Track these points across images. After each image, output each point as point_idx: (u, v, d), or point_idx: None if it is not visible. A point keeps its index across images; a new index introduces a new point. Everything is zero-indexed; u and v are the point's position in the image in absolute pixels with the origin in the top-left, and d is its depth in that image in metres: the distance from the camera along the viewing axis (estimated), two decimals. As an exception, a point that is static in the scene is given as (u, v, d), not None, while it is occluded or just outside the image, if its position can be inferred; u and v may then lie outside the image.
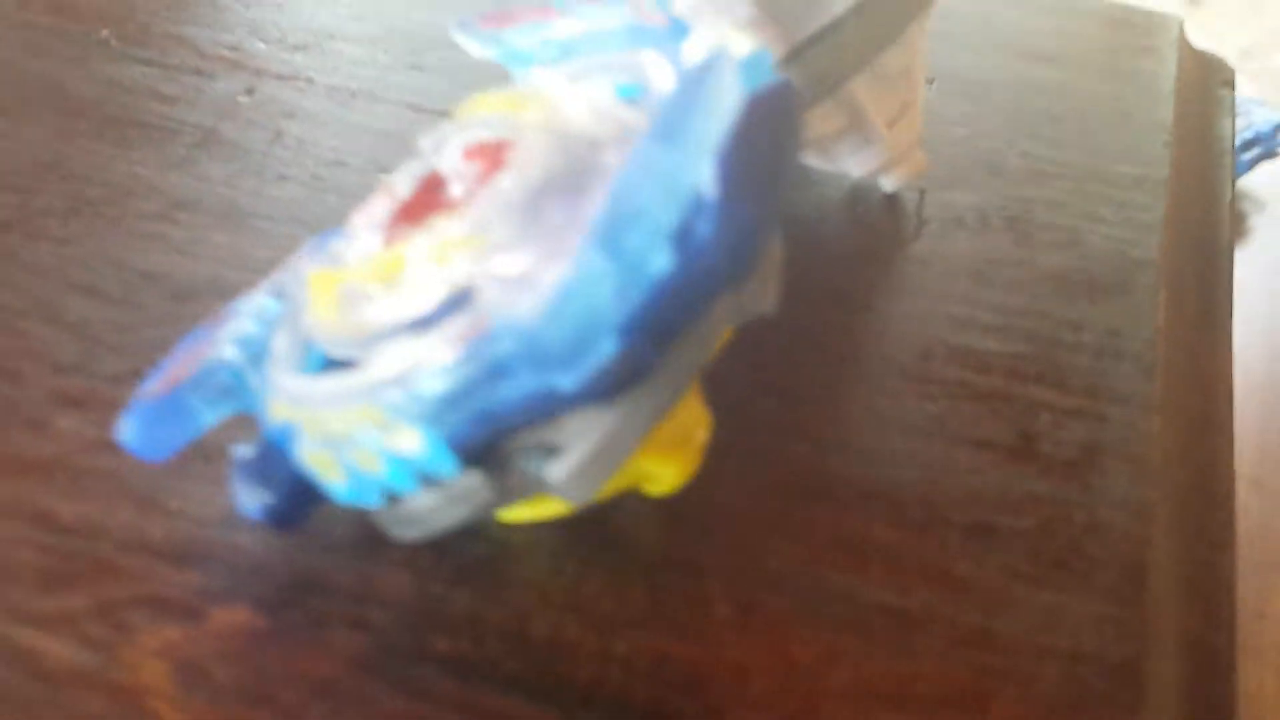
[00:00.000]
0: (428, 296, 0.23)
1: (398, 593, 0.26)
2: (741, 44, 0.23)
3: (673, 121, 0.20)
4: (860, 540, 0.28)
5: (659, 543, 0.27)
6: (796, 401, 0.30)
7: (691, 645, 0.25)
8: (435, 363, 0.21)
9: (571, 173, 0.23)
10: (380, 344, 0.23)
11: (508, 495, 0.23)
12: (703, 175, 0.20)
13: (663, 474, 0.25)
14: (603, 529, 0.27)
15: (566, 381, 0.20)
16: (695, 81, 0.20)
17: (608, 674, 0.25)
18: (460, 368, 0.21)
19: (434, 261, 0.23)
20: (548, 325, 0.20)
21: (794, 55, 0.31)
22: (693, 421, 0.25)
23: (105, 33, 0.40)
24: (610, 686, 0.25)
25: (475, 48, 0.30)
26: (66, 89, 0.37)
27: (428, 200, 0.26)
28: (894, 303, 0.34)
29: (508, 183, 0.23)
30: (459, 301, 0.22)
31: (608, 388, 0.21)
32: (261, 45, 0.40)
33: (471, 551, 0.26)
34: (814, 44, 0.31)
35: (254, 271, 0.32)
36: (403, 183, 0.27)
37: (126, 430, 0.25)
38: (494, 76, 0.30)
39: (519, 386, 0.21)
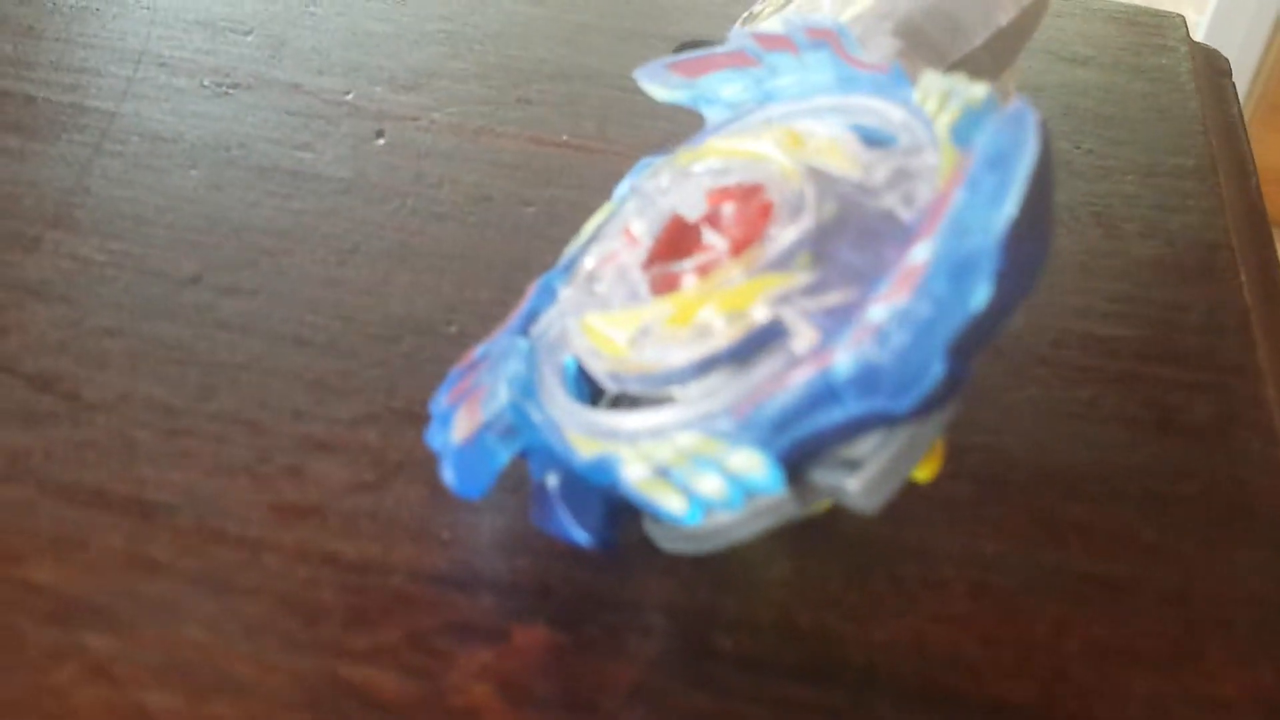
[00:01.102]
0: (729, 334, 0.25)
1: (672, 601, 0.28)
2: (975, 90, 0.26)
3: (989, 173, 0.23)
4: (1054, 518, 0.31)
5: (888, 534, 0.30)
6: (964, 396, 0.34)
7: (941, 626, 0.28)
8: (768, 392, 0.24)
9: (852, 217, 0.25)
10: (691, 379, 0.25)
11: (804, 506, 0.26)
12: (1008, 216, 0.23)
13: (919, 475, 0.28)
14: (833, 526, 0.30)
15: (901, 405, 0.23)
16: (1005, 133, 0.23)
17: (876, 658, 0.28)
18: (792, 396, 0.24)
19: (730, 302, 0.25)
20: (887, 356, 0.23)
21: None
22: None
23: (208, 81, 0.41)
24: (882, 669, 0.27)
25: (662, 92, 0.32)
26: (205, 139, 0.38)
27: (679, 242, 0.28)
28: (1017, 298, 0.37)
29: (793, 227, 0.25)
30: (766, 337, 0.25)
31: (928, 408, 0.24)
32: (376, 89, 0.41)
33: (723, 559, 0.29)
34: (954, 71, 0.34)
35: (447, 309, 0.34)
36: (639, 225, 0.29)
37: (449, 475, 0.27)
38: (607, 106, 0.32)
39: (847, 411, 0.24)
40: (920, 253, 0.23)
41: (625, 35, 0.45)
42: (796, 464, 0.25)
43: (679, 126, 0.40)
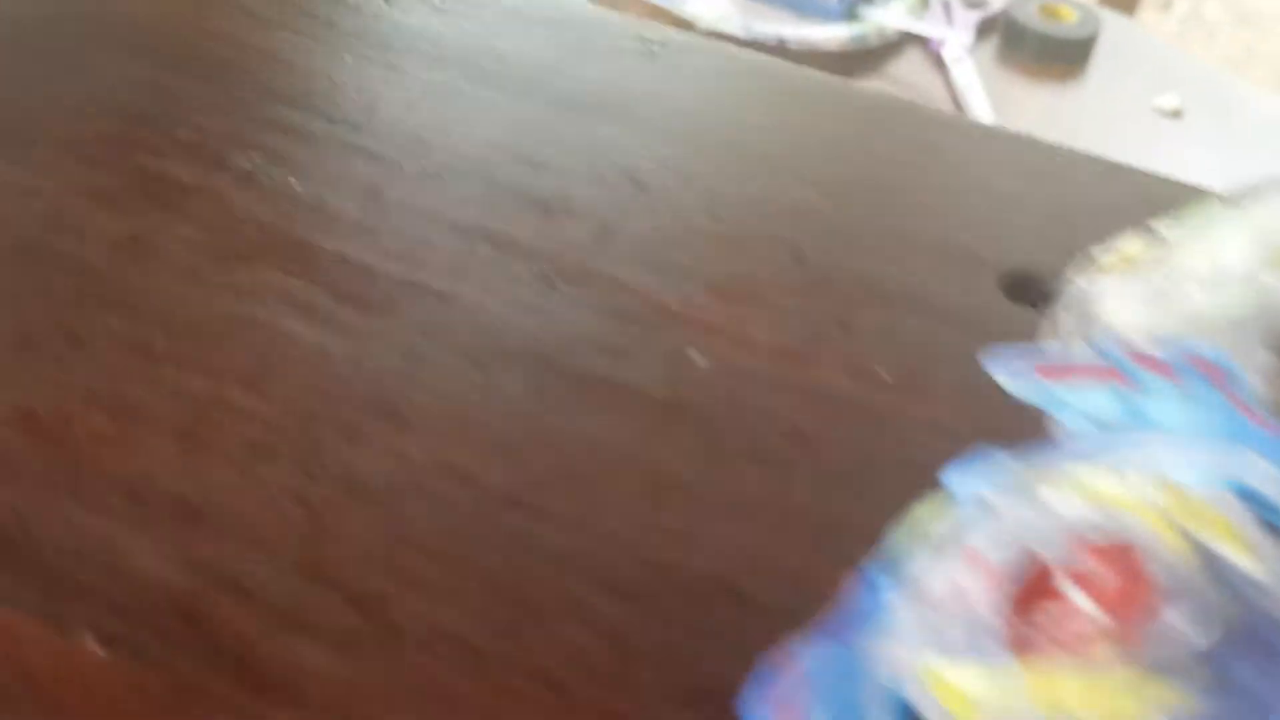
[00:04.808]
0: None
1: None
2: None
3: None
4: None
5: None
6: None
7: None
8: None
9: (1255, 625, 0.23)
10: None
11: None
12: None
13: None
14: None
15: None
16: None
17: None
18: None
19: (1109, 701, 0.23)
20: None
21: None
22: None
23: (536, 270, 0.41)
24: None
25: (1012, 385, 0.31)
26: (527, 337, 0.38)
27: (1036, 588, 0.26)
28: None
29: (1184, 623, 0.23)
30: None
31: None
32: (698, 294, 0.41)
33: None
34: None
35: (750, 567, 0.33)
36: (989, 551, 0.27)
37: None
38: (925, 340, 0.30)
39: None
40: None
41: (951, 255, 0.44)
42: None
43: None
